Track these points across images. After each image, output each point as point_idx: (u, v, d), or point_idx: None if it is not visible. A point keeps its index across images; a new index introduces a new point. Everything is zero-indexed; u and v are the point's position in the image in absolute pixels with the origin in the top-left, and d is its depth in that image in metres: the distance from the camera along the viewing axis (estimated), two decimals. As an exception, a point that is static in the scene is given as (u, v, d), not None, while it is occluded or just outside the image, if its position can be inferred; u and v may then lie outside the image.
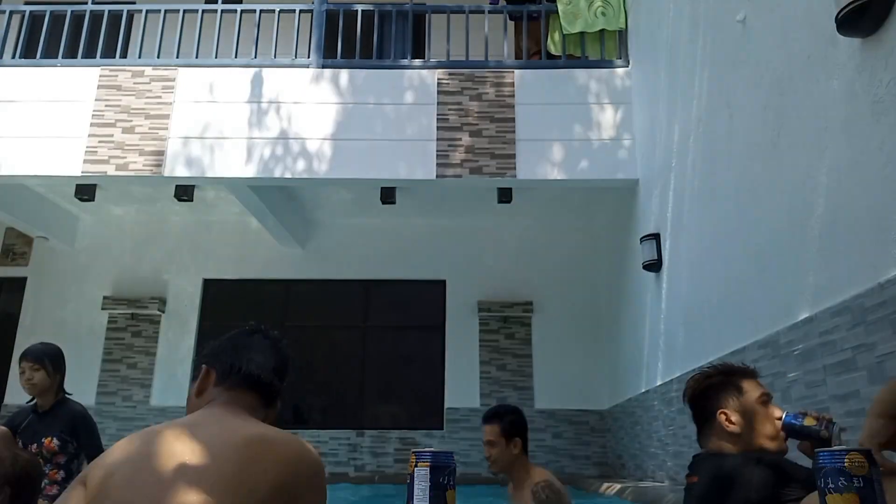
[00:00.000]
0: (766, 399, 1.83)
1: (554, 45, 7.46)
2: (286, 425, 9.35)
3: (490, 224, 9.11)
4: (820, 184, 3.28)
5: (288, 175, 6.84)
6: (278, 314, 9.23)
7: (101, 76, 7.12)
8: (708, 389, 1.86)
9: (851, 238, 2.98)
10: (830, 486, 0.96)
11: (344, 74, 7.16)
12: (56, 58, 7.28)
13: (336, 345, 9.24)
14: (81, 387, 8.67)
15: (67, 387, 3.69)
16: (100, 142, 6.88)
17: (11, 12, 7.52)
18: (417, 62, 7.32)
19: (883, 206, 2.76)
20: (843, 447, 0.98)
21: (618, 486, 5.81)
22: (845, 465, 0.96)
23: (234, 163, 6.85)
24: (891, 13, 2.74)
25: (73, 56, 7.34)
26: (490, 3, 7.75)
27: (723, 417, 1.80)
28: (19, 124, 6.92)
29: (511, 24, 8.14)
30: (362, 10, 7.41)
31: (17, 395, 8.70)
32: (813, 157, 3.36)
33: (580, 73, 7.12)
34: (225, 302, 9.22)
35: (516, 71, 7.14)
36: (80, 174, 6.83)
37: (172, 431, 1.30)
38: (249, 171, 6.84)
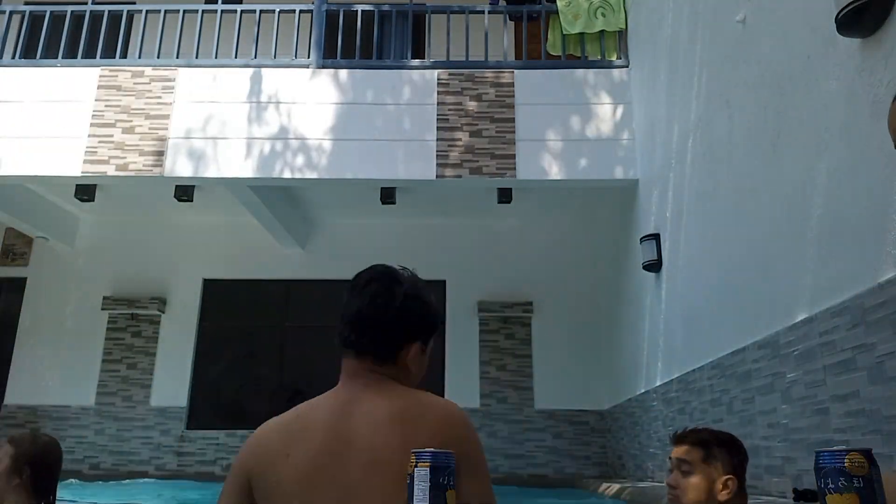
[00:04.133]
0: (668, 466, 1.93)
1: (554, 46, 7.47)
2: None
3: (490, 224, 9.11)
4: (820, 184, 3.28)
5: (288, 175, 6.84)
6: (278, 314, 9.23)
7: (101, 76, 7.12)
8: None
9: (851, 238, 2.98)
10: (830, 486, 0.96)
11: (344, 74, 7.16)
12: (56, 58, 7.28)
13: (336, 345, 9.21)
14: (82, 387, 8.71)
15: (68, 387, 3.65)
16: (100, 142, 6.88)
17: (11, 12, 7.52)
18: (417, 62, 7.32)
19: (883, 206, 2.75)
20: (844, 447, 0.98)
21: (617, 486, 5.81)
22: (845, 465, 0.96)
23: (234, 163, 6.85)
24: (891, 13, 2.74)
25: (73, 56, 7.34)
26: (490, 3, 7.75)
27: None
28: (19, 124, 6.92)
29: (511, 24, 8.13)
30: (362, 10, 7.41)
31: (18, 395, 8.71)
32: (813, 157, 3.36)
33: (580, 73, 7.12)
34: (225, 302, 9.22)
35: (516, 71, 7.14)
36: (80, 174, 6.83)
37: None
38: (249, 171, 6.84)
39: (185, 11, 7.32)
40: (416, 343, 1.42)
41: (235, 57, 7.25)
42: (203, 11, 7.35)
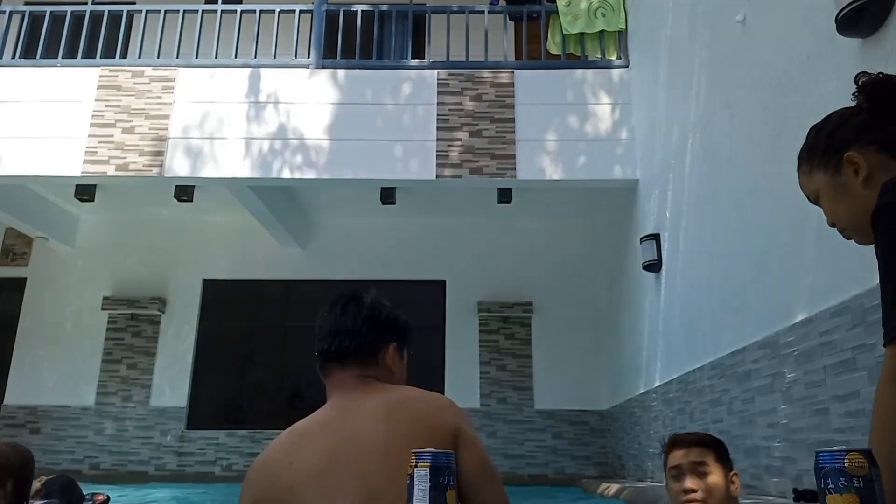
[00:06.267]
0: (673, 473, 1.93)
1: (554, 46, 7.47)
2: (284, 425, 9.37)
3: (490, 224, 9.10)
4: (820, 184, 3.27)
5: (288, 175, 6.85)
6: (278, 314, 9.23)
7: (100, 76, 7.12)
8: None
9: (851, 238, 2.98)
10: (830, 486, 0.96)
11: (343, 74, 7.16)
12: (56, 58, 7.28)
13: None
14: (82, 387, 8.71)
15: (68, 387, 3.66)
16: (100, 142, 6.88)
17: (11, 12, 7.52)
18: (417, 62, 7.32)
19: (883, 206, 2.75)
20: (844, 447, 0.98)
21: (617, 486, 5.81)
22: (845, 465, 0.96)
23: (233, 163, 6.85)
24: (891, 13, 2.74)
25: (73, 56, 7.34)
26: (490, 3, 7.75)
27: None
28: (19, 124, 6.92)
29: (511, 24, 8.13)
30: (362, 11, 7.41)
31: (18, 395, 8.71)
32: (813, 157, 3.35)
33: (580, 74, 7.12)
34: (225, 302, 9.22)
35: (516, 71, 7.14)
36: (80, 174, 6.83)
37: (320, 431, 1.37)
38: (249, 171, 6.84)
39: (184, 11, 7.32)
40: (393, 343, 1.51)
41: (235, 57, 7.25)
42: (203, 11, 7.35)
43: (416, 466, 1.07)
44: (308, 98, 7.06)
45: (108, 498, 4.08)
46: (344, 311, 1.50)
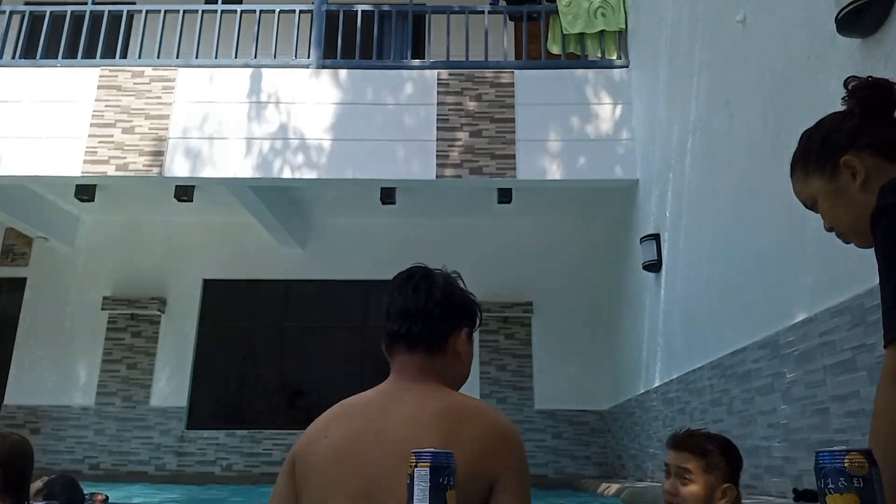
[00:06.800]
0: (665, 470, 1.91)
1: (554, 46, 7.47)
2: (284, 425, 9.28)
3: (490, 224, 9.10)
4: (820, 184, 3.27)
5: (288, 175, 6.84)
6: (278, 314, 9.23)
7: (100, 76, 7.12)
8: None
9: (851, 238, 2.98)
10: (830, 486, 0.96)
11: (344, 74, 7.16)
12: (56, 58, 7.28)
13: (336, 345, 9.23)
14: (82, 387, 8.71)
15: (68, 387, 3.67)
16: (100, 142, 6.88)
17: (11, 12, 7.52)
18: (417, 62, 7.32)
19: (883, 206, 2.75)
20: (844, 447, 0.98)
21: (617, 486, 5.81)
22: (845, 465, 0.96)
23: (234, 163, 6.85)
24: (890, 13, 2.74)
25: (73, 56, 7.34)
26: (490, 3, 7.75)
27: None
28: (19, 124, 6.92)
29: (511, 24, 8.13)
30: (362, 11, 7.41)
31: (18, 395, 8.71)
32: (813, 157, 3.35)
33: (580, 74, 7.12)
34: (225, 302, 9.22)
35: (516, 71, 7.14)
36: (80, 174, 6.83)
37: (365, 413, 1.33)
38: (249, 171, 6.84)
39: (184, 11, 7.32)
40: (464, 329, 1.44)
41: (235, 57, 7.25)
42: (203, 11, 7.35)
43: (415, 466, 1.07)
44: (308, 98, 7.06)
45: (107, 498, 4.09)
46: (416, 291, 1.42)
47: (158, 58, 7.27)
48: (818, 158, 1.33)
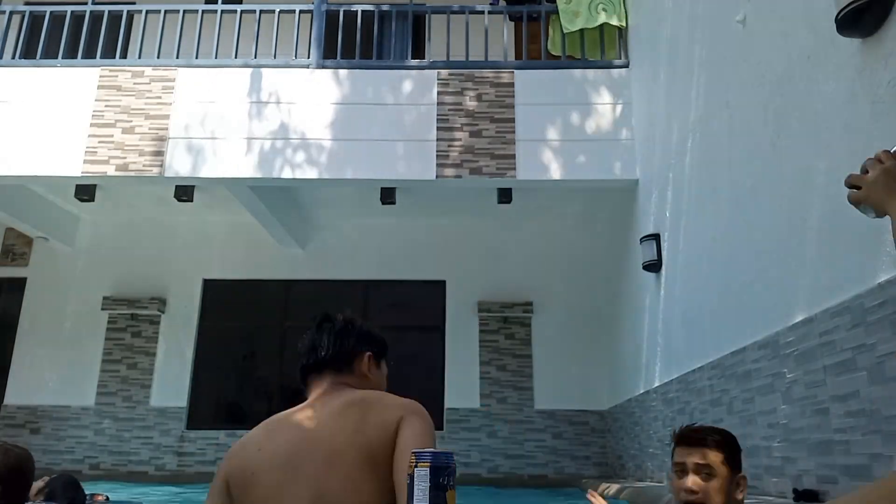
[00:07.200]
0: (677, 469, 1.88)
1: (554, 45, 7.47)
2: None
3: (490, 224, 9.10)
4: (820, 184, 3.28)
5: (288, 175, 6.85)
6: (278, 314, 9.23)
7: (100, 76, 7.12)
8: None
9: (851, 238, 2.98)
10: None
11: (344, 74, 7.16)
12: (56, 58, 7.28)
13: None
14: (82, 387, 8.71)
15: (68, 387, 3.67)
16: (100, 142, 6.88)
17: (11, 12, 7.52)
18: (417, 62, 7.32)
19: (883, 206, 2.74)
20: None
21: (617, 486, 5.81)
22: None
23: (234, 163, 6.85)
24: (891, 13, 2.74)
25: (73, 56, 7.34)
26: (490, 3, 7.75)
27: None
28: (19, 124, 6.92)
29: (511, 24, 8.13)
30: (362, 11, 7.41)
31: (18, 395, 8.71)
32: (813, 157, 3.36)
33: (580, 73, 7.12)
34: (225, 302, 9.22)
35: (516, 71, 7.14)
36: (80, 174, 6.83)
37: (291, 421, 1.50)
38: (249, 172, 6.84)
39: (185, 11, 7.32)
40: (367, 352, 1.63)
41: (235, 57, 7.25)
42: (203, 11, 7.35)
43: (416, 466, 1.07)
44: (308, 98, 7.06)
45: (108, 498, 4.09)
46: (319, 329, 1.65)
47: (158, 58, 7.27)
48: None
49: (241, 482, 1.43)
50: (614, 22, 7.18)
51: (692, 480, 1.82)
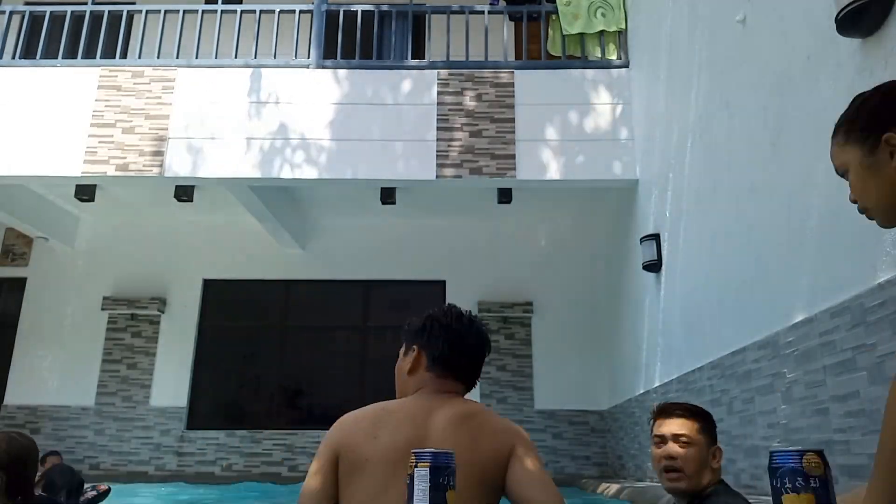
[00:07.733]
0: (656, 440, 2.04)
1: (554, 45, 7.47)
2: (284, 425, 9.27)
3: (490, 224, 9.10)
4: (819, 184, 3.27)
5: (288, 175, 6.84)
6: (278, 314, 9.23)
7: (100, 77, 7.12)
8: None
9: (851, 238, 2.98)
10: (787, 485, 0.97)
11: (344, 74, 7.16)
12: (56, 58, 7.28)
13: (336, 345, 9.23)
14: (82, 387, 8.71)
15: (68, 387, 3.67)
16: (100, 142, 6.88)
17: (11, 12, 7.52)
18: (417, 62, 7.32)
19: (883, 206, 2.75)
20: (799, 448, 0.99)
21: (617, 486, 5.81)
22: (802, 465, 0.97)
23: (233, 163, 6.85)
24: (891, 13, 2.74)
25: (73, 56, 7.34)
26: (490, 3, 7.75)
27: None
28: (19, 124, 6.92)
29: (511, 24, 8.13)
30: (362, 11, 7.41)
31: (18, 395, 8.71)
32: (813, 157, 3.36)
33: (580, 73, 7.12)
34: (225, 302, 9.22)
35: (516, 71, 7.14)
36: (80, 174, 6.83)
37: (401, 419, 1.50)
38: (249, 172, 6.84)
39: (184, 11, 7.32)
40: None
41: (235, 57, 7.25)
42: (203, 11, 7.36)
43: (416, 466, 1.07)
44: (308, 98, 7.06)
45: (110, 489, 4.09)
46: (479, 340, 1.71)
47: (158, 58, 7.27)
48: (863, 128, 1.26)
49: (352, 464, 1.44)
50: (612, 29, 7.20)
51: (671, 447, 1.96)
